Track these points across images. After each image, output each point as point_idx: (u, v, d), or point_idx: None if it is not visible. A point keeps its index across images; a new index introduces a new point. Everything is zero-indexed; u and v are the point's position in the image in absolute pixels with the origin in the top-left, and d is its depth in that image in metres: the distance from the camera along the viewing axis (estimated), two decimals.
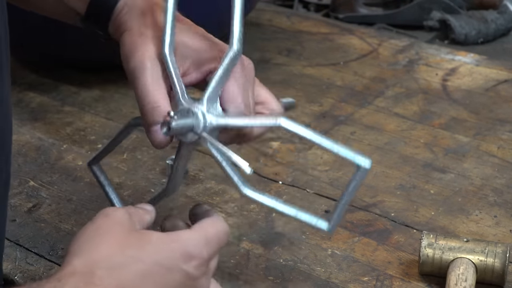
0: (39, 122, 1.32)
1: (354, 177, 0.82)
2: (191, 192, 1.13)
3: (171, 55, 0.89)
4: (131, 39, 0.92)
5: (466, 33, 1.67)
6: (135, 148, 1.24)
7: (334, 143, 0.82)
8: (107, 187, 1.01)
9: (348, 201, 0.84)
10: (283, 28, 1.65)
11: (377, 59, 1.51)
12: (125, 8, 0.95)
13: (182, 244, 0.76)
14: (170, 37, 0.90)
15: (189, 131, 0.85)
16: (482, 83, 1.41)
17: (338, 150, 0.82)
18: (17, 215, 1.09)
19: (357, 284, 0.95)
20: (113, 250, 0.73)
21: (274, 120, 0.83)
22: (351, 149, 0.82)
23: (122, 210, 0.78)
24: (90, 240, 0.75)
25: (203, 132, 0.85)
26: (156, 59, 0.90)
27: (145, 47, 0.91)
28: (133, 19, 0.94)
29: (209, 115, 0.86)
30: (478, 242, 0.94)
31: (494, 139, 1.24)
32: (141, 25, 0.93)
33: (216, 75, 0.87)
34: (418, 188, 1.13)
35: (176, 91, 0.88)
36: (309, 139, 0.83)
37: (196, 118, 0.85)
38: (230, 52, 0.87)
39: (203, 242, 0.77)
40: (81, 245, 0.74)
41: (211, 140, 0.85)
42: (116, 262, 0.72)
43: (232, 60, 0.87)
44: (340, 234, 1.04)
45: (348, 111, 1.33)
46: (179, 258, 0.75)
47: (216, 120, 0.86)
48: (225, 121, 0.86)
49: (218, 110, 0.87)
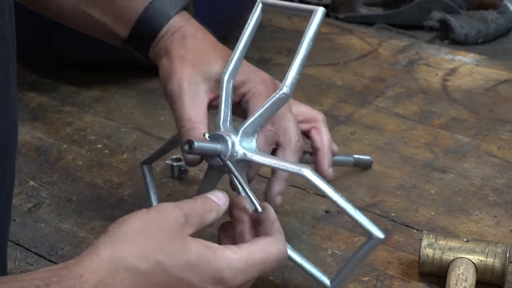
0: (39, 122, 1.32)
1: (365, 245, 0.84)
2: (191, 192, 1.13)
3: (229, 84, 0.92)
4: (170, 62, 0.94)
5: (466, 33, 1.67)
6: (135, 148, 1.24)
7: (352, 206, 0.84)
8: (151, 189, 1.03)
9: (355, 267, 0.86)
10: (283, 28, 1.65)
11: (377, 59, 1.51)
12: (168, 33, 0.97)
13: (218, 266, 0.73)
14: (234, 65, 0.93)
15: (215, 156, 0.87)
16: (482, 83, 1.41)
17: (355, 214, 0.83)
18: (17, 215, 1.09)
19: (357, 284, 0.95)
20: (146, 253, 0.71)
21: (298, 168, 0.85)
22: (367, 217, 0.83)
23: (178, 212, 0.74)
24: (130, 232, 0.72)
25: (228, 160, 0.87)
26: (194, 81, 0.92)
27: (183, 70, 0.93)
28: (174, 43, 0.96)
29: (239, 146, 0.88)
30: (478, 242, 0.94)
31: (494, 139, 1.24)
32: (180, 48, 0.95)
33: (258, 110, 0.89)
34: (418, 188, 1.13)
35: (219, 117, 0.91)
36: (328, 195, 0.84)
37: (225, 146, 0.87)
38: (279, 93, 0.88)
39: (243, 267, 0.74)
40: (118, 234, 0.72)
41: (233, 169, 0.87)
42: (144, 268, 0.70)
43: (278, 101, 0.88)
44: (340, 234, 1.04)
45: (348, 111, 1.33)
46: (208, 280, 0.73)
47: (243, 153, 0.88)
48: (252, 157, 0.88)
49: (252, 145, 0.89)
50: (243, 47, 0.93)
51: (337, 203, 0.84)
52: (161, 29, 0.96)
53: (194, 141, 0.84)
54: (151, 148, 1.23)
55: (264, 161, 0.88)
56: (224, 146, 0.87)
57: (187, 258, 0.72)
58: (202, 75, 0.93)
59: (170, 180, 1.16)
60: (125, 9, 0.97)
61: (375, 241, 0.83)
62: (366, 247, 0.84)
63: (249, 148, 0.88)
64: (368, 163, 1.16)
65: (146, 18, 0.97)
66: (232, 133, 0.88)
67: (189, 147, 0.84)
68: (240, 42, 0.93)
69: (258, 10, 0.94)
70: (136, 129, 1.29)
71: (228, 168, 0.87)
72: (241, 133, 0.88)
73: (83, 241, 1.04)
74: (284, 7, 0.93)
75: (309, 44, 0.88)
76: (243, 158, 0.88)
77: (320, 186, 0.84)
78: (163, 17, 0.97)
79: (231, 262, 0.74)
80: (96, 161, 1.21)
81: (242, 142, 0.88)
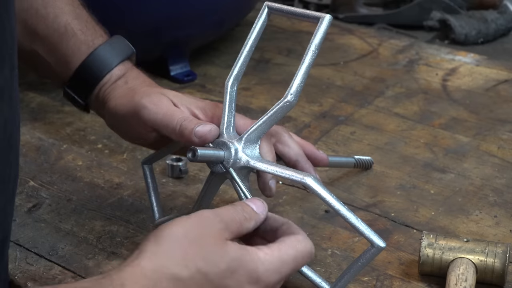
0: (39, 122, 1.32)
1: (366, 253, 0.85)
2: (191, 192, 1.13)
3: (232, 89, 0.92)
4: (126, 93, 0.95)
5: (466, 33, 1.67)
6: (135, 148, 1.24)
7: (353, 215, 0.84)
8: (152, 190, 1.02)
9: (355, 274, 0.87)
10: (283, 28, 1.65)
11: (377, 59, 1.51)
12: (110, 80, 0.98)
13: (254, 268, 0.73)
14: (238, 70, 0.93)
15: (218, 163, 0.87)
16: (482, 83, 1.41)
17: (356, 222, 0.84)
18: (17, 215, 1.09)
19: (357, 284, 0.95)
20: (187, 261, 0.71)
21: (301, 177, 0.85)
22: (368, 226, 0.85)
23: (219, 219, 0.75)
24: (170, 240, 0.72)
25: (230, 167, 0.87)
26: (161, 93, 0.93)
27: (141, 92, 0.94)
28: (117, 87, 0.97)
29: (242, 154, 0.88)
30: (478, 242, 0.94)
31: (494, 139, 1.24)
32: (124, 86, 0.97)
33: (262, 118, 0.89)
34: (418, 188, 1.13)
35: (223, 123, 0.91)
36: (330, 203, 0.85)
37: (228, 153, 0.87)
38: (283, 100, 0.88)
39: (277, 266, 0.75)
40: (159, 242, 0.72)
41: (235, 177, 0.87)
42: (184, 276, 0.70)
43: (282, 108, 0.88)
44: (340, 234, 1.04)
45: (348, 111, 1.33)
46: (245, 282, 0.73)
47: (246, 160, 0.88)
48: (255, 164, 0.88)
49: (255, 152, 0.89)
50: (248, 51, 0.93)
51: (339, 211, 0.84)
52: (103, 77, 0.97)
53: (198, 149, 0.84)
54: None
55: (267, 169, 0.88)
56: (227, 153, 0.87)
57: (227, 264, 0.72)
58: (160, 92, 0.95)
59: (170, 180, 1.16)
60: (70, 52, 0.99)
61: (376, 249, 0.84)
62: (367, 255, 0.85)
63: (252, 155, 0.89)
64: (369, 164, 1.16)
65: (89, 65, 0.98)
66: (236, 139, 0.89)
67: (193, 155, 0.84)
68: (246, 46, 0.93)
69: (264, 14, 0.94)
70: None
71: (231, 175, 0.87)
72: (245, 140, 0.88)
73: (83, 241, 1.04)
74: (290, 12, 0.92)
75: (315, 51, 0.88)
76: (246, 165, 0.88)
77: (322, 195, 0.84)
78: (105, 65, 0.98)
79: (265, 262, 0.74)
80: (96, 161, 1.21)
81: (245, 149, 0.88)
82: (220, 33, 1.48)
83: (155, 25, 1.37)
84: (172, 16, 1.36)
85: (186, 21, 1.38)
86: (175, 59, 1.45)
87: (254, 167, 0.88)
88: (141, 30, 1.35)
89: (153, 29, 1.37)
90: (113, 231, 1.06)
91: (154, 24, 1.37)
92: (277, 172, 0.87)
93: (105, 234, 1.05)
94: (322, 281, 0.89)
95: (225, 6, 1.41)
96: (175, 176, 1.16)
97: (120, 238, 1.04)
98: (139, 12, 1.34)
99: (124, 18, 1.34)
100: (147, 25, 1.36)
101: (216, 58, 1.52)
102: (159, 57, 1.44)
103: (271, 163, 0.89)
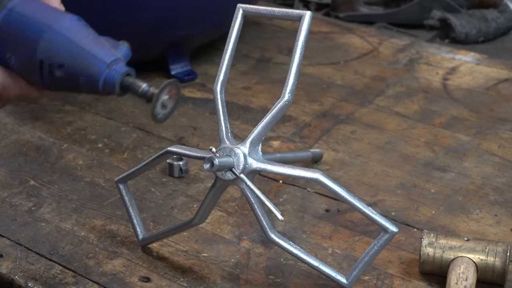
0: (39, 121, 1.32)
1: (380, 239, 0.88)
2: (192, 191, 1.13)
3: (222, 94, 0.93)
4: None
5: (467, 32, 1.67)
6: (136, 147, 1.24)
7: (365, 205, 0.87)
8: (130, 208, 1.02)
9: (371, 261, 0.89)
10: (284, 27, 1.65)
11: (378, 58, 1.51)
12: None
13: None
14: (223, 75, 0.94)
15: (228, 170, 0.88)
16: (482, 82, 1.41)
17: (369, 212, 0.87)
18: (17, 214, 1.09)
19: (358, 283, 0.95)
20: None
21: (312, 173, 0.87)
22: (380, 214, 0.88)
23: None
24: None
25: (241, 173, 0.88)
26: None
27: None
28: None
29: (250, 158, 0.89)
30: (479, 241, 0.94)
31: (494, 138, 1.24)
32: None
33: (263, 120, 0.89)
34: (418, 187, 1.13)
35: (221, 130, 0.91)
36: (342, 196, 0.87)
37: (237, 159, 0.88)
38: (282, 100, 0.89)
39: None
40: None
41: (248, 182, 0.88)
42: None
43: (282, 108, 0.89)
44: (340, 233, 1.04)
45: (348, 110, 1.33)
46: None
47: (256, 164, 0.89)
48: (265, 166, 0.89)
49: (258, 153, 0.90)
50: (229, 56, 0.94)
51: (352, 203, 0.87)
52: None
53: (215, 158, 0.85)
54: (151, 148, 1.23)
55: (278, 170, 0.89)
56: (236, 159, 0.88)
57: None
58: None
59: (170, 179, 1.16)
60: None
61: (390, 234, 0.87)
62: (381, 241, 0.88)
63: (257, 158, 0.89)
64: (320, 155, 1.18)
65: None
66: (240, 144, 0.89)
67: (211, 165, 0.85)
68: (226, 52, 0.93)
69: (239, 17, 0.94)
70: (136, 129, 1.29)
71: (243, 181, 0.87)
72: (249, 144, 0.89)
73: (83, 240, 1.04)
74: (267, 14, 0.93)
75: (302, 49, 0.89)
76: (256, 169, 0.88)
77: (336, 189, 0.86)
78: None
79: None
80: (96, 161, 1.21)
81: (251, 152, 0.89)
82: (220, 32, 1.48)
83: (155, 25, 1.37)
84: (173, 15, 1.36)
85: (186, 20, 1.38)
86: (175, 58, 1.45)
87: (265, 170, 0.88)
88: (142, 29, 1.35)
89: (154, 28, 1.37)
90: (114, 231, 1.06)
91: (155, 24, 1.37)
92: (288, 172, 0.88)
93: (106, 233, 1.05)
94: (337, 274, 0.90)
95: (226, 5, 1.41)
96: (175, 175, 1.16)
97: (120, 237, 1.04)
98: (140, 11, 1.34)
99: (125, 17, 1.34)
100: (148, 24, 1.36)
101: (216, 57, 1.52)
102: (160, 56, 1.44)
103: (279, 164, 0.89)
